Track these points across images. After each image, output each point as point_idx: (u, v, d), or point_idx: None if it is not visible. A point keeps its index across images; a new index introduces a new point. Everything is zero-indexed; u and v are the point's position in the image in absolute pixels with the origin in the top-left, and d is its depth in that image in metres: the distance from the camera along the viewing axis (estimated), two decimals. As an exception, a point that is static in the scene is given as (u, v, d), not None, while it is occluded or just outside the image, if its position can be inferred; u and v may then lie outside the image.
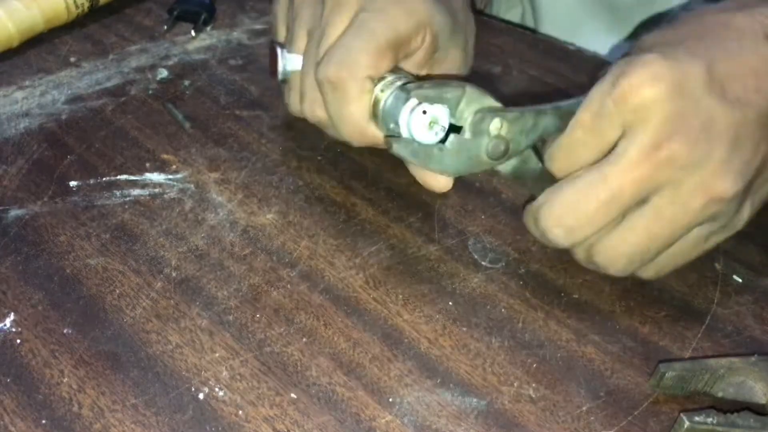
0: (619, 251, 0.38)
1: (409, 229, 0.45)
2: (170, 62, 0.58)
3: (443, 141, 0.40)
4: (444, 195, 0.47)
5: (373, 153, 0.50)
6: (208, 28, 0.63)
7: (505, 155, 0.40)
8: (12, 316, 0.37)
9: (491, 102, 0.40)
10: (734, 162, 0.36)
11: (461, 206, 0.47)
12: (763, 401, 0.35)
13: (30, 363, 0.35)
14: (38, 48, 0.58)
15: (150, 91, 0.55)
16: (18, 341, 0.36)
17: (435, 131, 0.40)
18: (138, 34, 0.61)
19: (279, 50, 0.48)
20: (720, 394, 0.36)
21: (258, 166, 0.48)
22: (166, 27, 0.62)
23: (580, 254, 0.40)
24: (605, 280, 0.42)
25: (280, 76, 0.48)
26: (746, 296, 0.42)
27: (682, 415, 0.34)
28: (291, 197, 0.46)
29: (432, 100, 0.39)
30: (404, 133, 0.40)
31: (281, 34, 0.50)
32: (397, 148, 0.41)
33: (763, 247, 0.45)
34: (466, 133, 0.40)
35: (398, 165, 0.49)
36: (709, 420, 0.33)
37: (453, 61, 0.49)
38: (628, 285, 0.42)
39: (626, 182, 0.36)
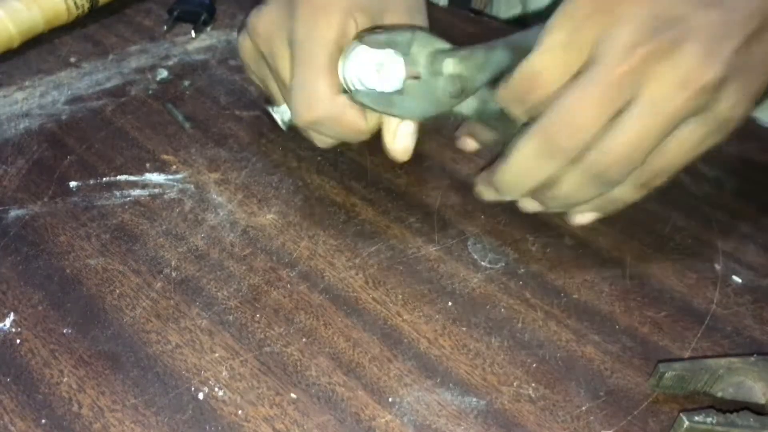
0: (613, 154, 0.37)
1: (409, 229, 0.45)
2: (170, 62, 0.58)
3: None
4: (444, 195, 0.47)
5: (373, 153, 0.50)
6: (208, 29, 0.63)
7: (462, 93, 0.41)
8: (12, 316, 0.37)
9: (443, 44, 0.41)
10: (715, 53, 0.36)
11: (461, 206, 0.47)
12: (762, 401, 0.35)
13: (30, 363, 0.35)
14: (38, 48, 0.58)
15: (150, 92, 0.55)
16: (18, 341, 0.36)
17: (388, 78, 0.40)
18: (138, 34, 0.61)
19: (270, 109, 0.49)
20: (719, 394, 0.36)
21: (258, 166, 0.49)
22: (166, 27, 0.62)
23: (572, 179, 0.39)
24: (605, 280, 0.42)
25: (285, 129, 0.49)
26: (746, 296, 0.42)
27: (681, 414, 0.34)
28: (291, 197, 0.46)
29: (382, 45, 0.40)
30: (356, 84, 0.41)
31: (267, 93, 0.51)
32: (360, 96, 0.41)
33: (763, 248, 0.45)
34: (423, 75, 0.41)
35: (398, 165, 0.49)
36: (709, 420, 0.33)
37: None
38: (628, 285, 0.42)
39: (614, 80, 0.36)
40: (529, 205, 0.44)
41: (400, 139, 0.45)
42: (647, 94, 0.36)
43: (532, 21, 0.76)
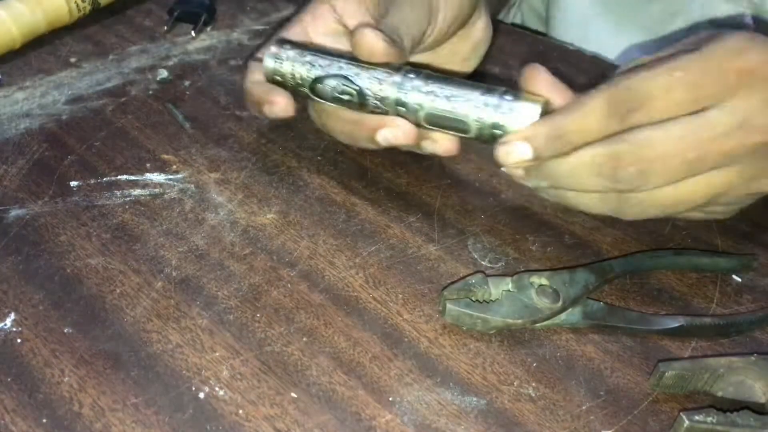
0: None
1: (409, 229, 0.45)
2: (170, 63, 0.58)
3: None
4: (444, 195, 0.47)
5: (373, 153, 0.50)
6: (208, 29, 0.63)
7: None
8: (12, 316, 0.37)
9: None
10: None
11: (461, 206, 0.47)
12: (762, 400, 0.35)
13: (30, 362, 0.35)
14: (39, 49, 0.58)
15: (150, 92, 0.55)
16: (18, 340, 0.36)
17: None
18: (138, 34, 0.61)
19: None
20: (719, 394, 0.36)
21: (258, 166, 0.49)
22: (166, 28, 0.62)
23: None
24: (605, 279, 0.42)
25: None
26: (746, 296, 0.42)
27: (681, 414, 0.34)
28: (291, 197, 0.46)
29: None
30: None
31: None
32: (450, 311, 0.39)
33: (763, 247, 0.45)
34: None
35: (398, 165, 0.49)
36: (709, 419, 0.33)
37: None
38: (628, 285, 0.42)
39: (713, 149, 0.37)
40: (536, 180, 0.42)
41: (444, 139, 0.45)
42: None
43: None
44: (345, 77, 0.44)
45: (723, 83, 0.37)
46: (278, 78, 0.46)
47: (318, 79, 0.44)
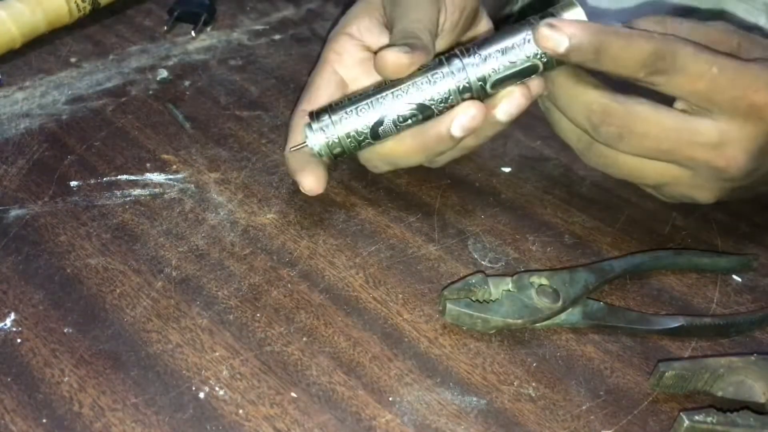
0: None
1: (409, 229, 0.45)
2: (170, 63, 0.58)
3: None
4: (444, 195, 0.47)
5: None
6: (208, 29, 0.63)
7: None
8: (12, 316, 0.37)
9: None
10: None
11: (461, 206, 0.47)
12: (762, 400, 0.35)
13: (30, 362, 0.35)
14: (39, 49, 0.58)
15: (150, 92, 0.55)
16: (18, 340, 0.36)
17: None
18: (138, 34, 0.61)
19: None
20: (719, 393, 0.36)
21: (258, 166, 0.49)
22: (166, 28, 0.62)
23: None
24: (605, 279, 0.42)
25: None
26: (746, 296, 0.42)
27: (681, 414, 0.34)
28: (291, 197, 0.46)
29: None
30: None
31: None
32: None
33: (763, 247, 0.45)
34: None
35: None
36: (709, 419, 0.33)
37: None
38: (628, 285, 0.42)
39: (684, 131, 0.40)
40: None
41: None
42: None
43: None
44: (398, 103, 0.42)
45: (735, 106, 0.39)
46: (335, 150, 0.43)
47: (378, 122, 0.42)
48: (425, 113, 0.42)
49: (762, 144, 0.40)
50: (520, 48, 0.40)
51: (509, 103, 0.42)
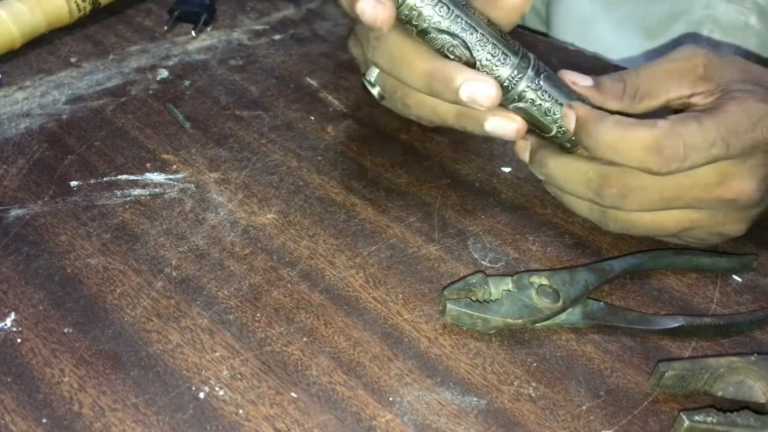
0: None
1: (409, 229, 0.45)
2: (170, 62, 0.58)
3: None
4: (444, 195, 0.47)
5: (372, 153, 0.50)
6: (209, 29, 0.63)
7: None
8: (13, 316, 0.37)
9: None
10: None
11: (461, 206, 0.47)
12: (762, 400, 0.36)
13: (30, 362, 0.35)
14: (39, 49, 0.58)
15: (150, 92, 0.55)
16: (19, 340, 0.36)
17: None
18: (138, 34, 0.61)
19: (365, 79, 0.48)
20: (719, 393, 0.36)
21: (258, 166, 0.49)
22: (166, 27, 0.62)
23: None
24: (605, 279, 0.42)
25: (378, 97, 0.48)
26: (746, 296, 0.42)
27: (681, 414, 0.34)
28: (291, 197, 0.46)
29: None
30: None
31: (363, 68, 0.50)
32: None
33: (763, 247, 0.45)
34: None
35: (398, 165, 0.49)
36: (709, 419, 0.33)
37: None
38: (628, 285, 0.42)
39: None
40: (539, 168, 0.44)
41: None
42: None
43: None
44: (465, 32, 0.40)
45: (742, 149, 0.39)
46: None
47: (444, 30, 0.40)
48: (469, 58, 0.41)
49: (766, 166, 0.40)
50: (557, 110, 0.42)
51: (500, 126, 0.43)
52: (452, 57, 0.41)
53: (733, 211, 0.41)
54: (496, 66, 0.41)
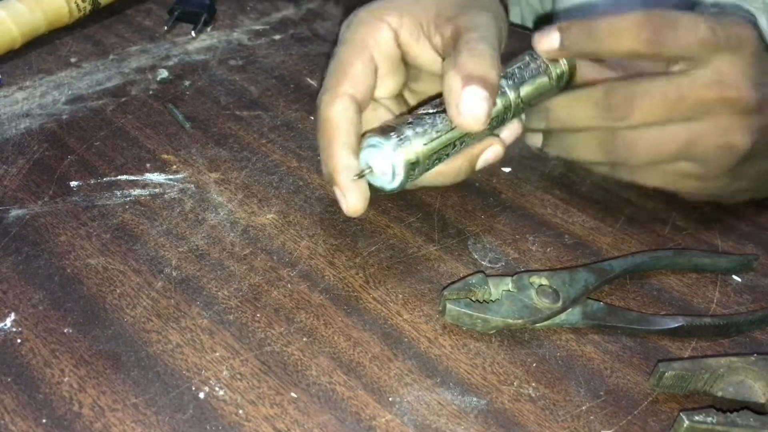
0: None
1: (409, 229, 0.45)
2: (170, 63, 0.58)
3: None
4: (444, 195, 0.47)
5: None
6: (209, 29, 0.63)
7: None
8: (12, 316, 0.37)
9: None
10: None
11: (461, 206, 0.47)
12: (762, 400, 0.36)
13: (30, 362, 0.35)
14: (39, 49, 0.58)
15: (150, 92, 0.55)
16: (18, 341, 0.36)
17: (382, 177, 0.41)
18: (138, 34, 0.61)
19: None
20: (719, 394, 0.36)
21: (258, 166, 0.49)
22: (166, 28, 0.62)
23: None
24: (605, 279, 0.42)
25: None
26: (746, 296, 0.42)
27: (681, 414, 0.34)
28: (291, 197, 0.46)
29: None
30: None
31: None
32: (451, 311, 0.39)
33: (763, 247, 0.45)
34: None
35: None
36: (709, 419, 0.33)
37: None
38: (628, 285, 0.42)
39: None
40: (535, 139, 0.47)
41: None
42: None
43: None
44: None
45: (726, 36, 0.42)
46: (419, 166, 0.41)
47: (451, 145, 0.42)
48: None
49: (757, 68, 0.42)
50: (526, 68, 0.44)
51: (488, 154, 0.44)
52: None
53: (736, 117, 0.42)
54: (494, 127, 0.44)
